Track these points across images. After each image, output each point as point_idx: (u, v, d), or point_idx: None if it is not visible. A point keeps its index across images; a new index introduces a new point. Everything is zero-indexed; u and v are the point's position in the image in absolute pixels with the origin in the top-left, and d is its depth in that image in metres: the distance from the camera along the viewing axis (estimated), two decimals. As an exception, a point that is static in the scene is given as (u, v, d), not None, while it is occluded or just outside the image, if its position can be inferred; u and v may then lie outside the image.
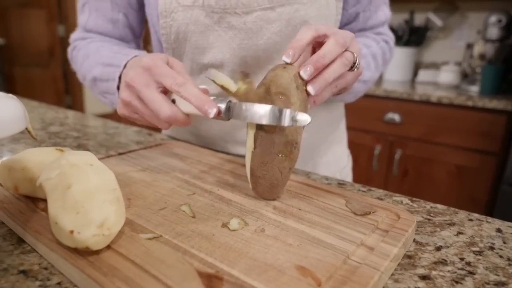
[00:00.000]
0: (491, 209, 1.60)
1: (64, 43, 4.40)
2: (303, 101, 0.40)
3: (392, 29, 2.21)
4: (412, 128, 1.74)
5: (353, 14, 0.62)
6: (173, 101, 0.44)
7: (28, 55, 4.52)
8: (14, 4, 4.39)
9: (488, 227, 0.43)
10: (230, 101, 0.40)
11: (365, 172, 1.91)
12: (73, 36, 0.69)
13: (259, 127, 0.40)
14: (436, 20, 2.07)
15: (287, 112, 0.37)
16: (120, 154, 0.60)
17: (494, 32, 1.77)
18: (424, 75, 2.14)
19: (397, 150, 1.78)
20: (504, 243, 0.40)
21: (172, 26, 0.55)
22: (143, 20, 0.70)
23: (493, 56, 1.75)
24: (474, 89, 1.79)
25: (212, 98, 0.41)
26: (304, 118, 0.36)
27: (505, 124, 1.52)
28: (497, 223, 0.45)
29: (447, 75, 1.96)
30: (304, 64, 0.39)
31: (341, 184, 0.55)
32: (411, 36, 2.14)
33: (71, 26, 4.29)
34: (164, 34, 0.57)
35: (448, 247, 0.38)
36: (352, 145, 1.92)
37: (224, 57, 0.56)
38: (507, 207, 1.51)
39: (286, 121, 0.37)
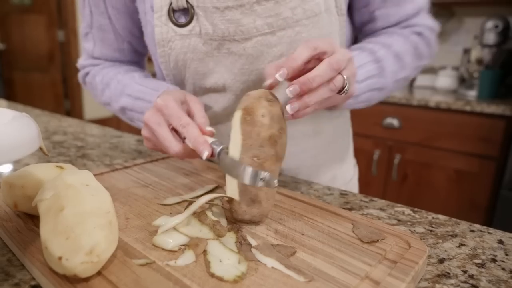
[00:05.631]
0: (491, 214, 1.61)
1: (63, 48, 4.41)
2: (275, 115, 0.40)
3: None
4: (411, 133, 1.75)
5: (367, 14, 0.60)
6: None
7: (28, 60, 4.53)
8: (15, 9, 4.40)
9: (490, 238, 0.44)
10: (222, 149, 0.43)
11: (364, 177, 1.92)
12: (82, 62, 0.69)
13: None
14: (434, 25, 2.09)
15: (262, 175, 0.38)
16: (125, 167, 0.60)
17: (491, 37, 1.79)
18: (422, 79, 2.15)
19: (396, 155, 1.79)
20: (506, 255, 0.41)
21: (170, 54, 0.55)
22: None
23: (491, 61, 1.77)
24: (472, 93, 1.81)
25: (211, 140, 0.44)
26: (274, 182, 0.37)
27: (504, 128, 1.53)
28: (499, 234, 0.46)
29: (445, 80, 1.97)
30: (292, 82, 0.39)
31: (343, 194, 0.56)
32: (409, 41, 2.16)
33: (70, 31, 4.30)
34: (163, 62, 0.57)
35: (451, 259, 0.39)
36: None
37: (225, 81, 0.56)
38: (507, 212, 1.52)
39: (260, 184, 0.38)
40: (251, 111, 0.39)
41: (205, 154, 0.42)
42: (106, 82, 0.64)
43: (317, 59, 0.42)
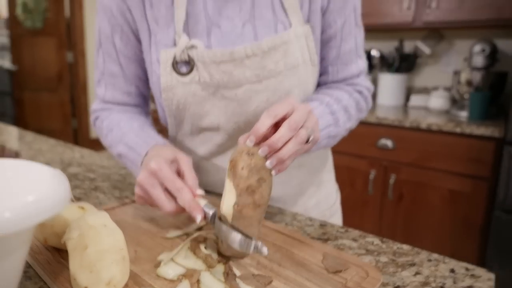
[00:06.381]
0: (486, 234, 1.66)
1: (72, 69, 4.56)
2: (259, 167, 0.48)
3: (383, 56, 2.33)
4: (405, 153, 1.82)
5: (322, 67, 0.71)
6: None
7: (37, 80, 4.68)
8: (27, 33, 4.57)
9: (444, 267, 0.52)
10: (214, 213, 0.50)
11: (361, 196, 1.99)
12: (94, 107, 0.78)
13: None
14: (424, 48, 2.18)
15: (252, 243, 0.46)
16: (133, 201, 0.69)
17: (479, 60, 1.87)
18: (415, 100, 2.23)
19: (391, 175, 1.86)
20: (454, 283, 0.48)
21: (173, 99, 0.64)
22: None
23: (480, 83, 1.85)
24: (464, 114, 1.88)
25: (204, 203, 0.52)
26: (264, 250, 0.45)
27: (494, 150, 1.60)
28: (453, 263, 0.53)
29: (437, 101, 2.05)
30: (262, 144, 0.48)
31: (322, 225, 0.64)
32: (402, 63, 2.25)
33: (79, 52, 4.46)
34: (166, 105, 0.66)
35: (404, 287, 0.47)
36: (348, 170, 2.01)
37: (219, 122, 0.65)
38: (501, 232, 1.57)
39: (250, 250, 0.46)
40: (234, 164, 0.48)
41: (199, 219, 0.50)
42: (110, 128, 0.72)
43: (283, 119, 0.50)
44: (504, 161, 1.53)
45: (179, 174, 0.56)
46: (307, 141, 0.51)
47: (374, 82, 2.48)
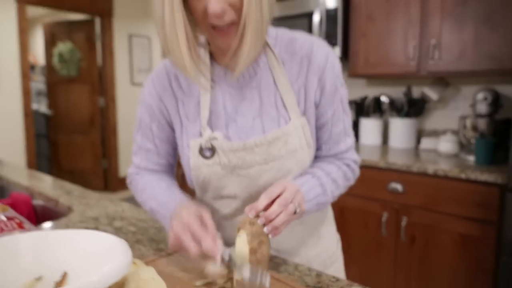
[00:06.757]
0: (497, 278, 1.71)
1: (103, 112, 4.91)
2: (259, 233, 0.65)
3: (392, 102, 2.48)
4: (414, 197, 1.92)
5: (318, 145, 0.86)
6: None
7: (71, 123, 5.04)
8: (63, 80, 4.99)
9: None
10: (230, 256, 0.67)
11: (376, 238, 2.07)
12: (130, 171, 0.96)
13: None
14: (432, 94, 2.31)
15: (259, 273, 0.62)
16: (168, 254, 0.84)
17: (482, 108, 1.99)
18: (426, 143, 2.35)
19: (403, 217, 1.96)
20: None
21: (199, 175, 0.82)
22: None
23: (484, 129, 1.96)
24: (472, 158, 1.97)
25: (222, 247, 0.68)
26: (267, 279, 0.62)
27: (498, 195, 1.68)
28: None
29: (446, 145, 2.16)
30: (261, 215, 0.66)
31: (318, 275, 0.78)
32: (410, 108, 2.38)
33: (109, 98, 4.81)
34: (194, 179, 0.83)
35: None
36: (362, 212, 2.12)
37: (236, 192, 0.82)
38: (510, 277, 1.61)
39: (258, 280, 0.62)
40: (240, 231, 0.65)
41: (218, 260, 0.66)
42: (143, 188, 0.90)
43: (278, 197, 0.69)
44: (508, 207, 1.61)
45: (203, 224, 0.72)
46: (294, 213, 0.69)
47: (385, 126, 2.62)
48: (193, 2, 0.67)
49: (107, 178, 5.03)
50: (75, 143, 5.06)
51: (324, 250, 0.93)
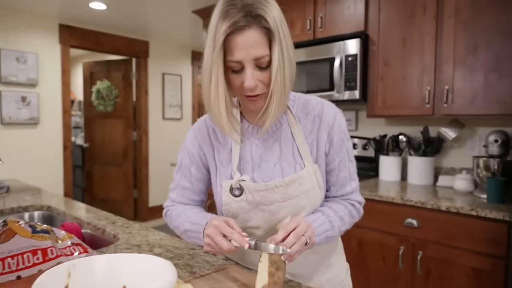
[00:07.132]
0: (511, 311, 1.76)
1: (136, 145, 5.24)
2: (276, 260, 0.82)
3: (409, 140, 2.60)
4: (429, 232, 2.01)
5: (327, 187, 1.02)
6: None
7: (106, 155, 5.38)
8: (99, 115, 5.38)
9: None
10: (256, 242, 0.83)
11: (393, 271, 2.15)
12: (166, 204, 1.14)
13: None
14: (448, 134, 2.43)
15: (280, 248, 0.79)
16: (201, 276, 1.01)
17: (494, 149, 2.09)
18: (443, 180, 2.44)
19: (418, 251, 2.04)
20: None
21: (229, 210, 1.00)
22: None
23: (496, 169, 2.05)
24: (484, 196, 2.06)
25: (248, 238, 0.84)
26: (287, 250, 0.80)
27: (506, 231, 1.76)
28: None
29: (461, 183, 2.25)
30: (279, 244, 0.82)
31: (331, 299, 0.92)
32: (427, 147, 2.50)
33: (143, 132, 5.14)
34: (225, 213, 1.01)
35: None
36: (380, 245, 2.22)
37: (259, 224, 0.99)
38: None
39: (280, 250, 0.80)
40: (261, 257, 0.82)
41: (246, 246, 0.83)
42: (178, 215, 1.08)
43: (292, 230, 0.84)
44: (518, 243, 1.68)
45: (229, 226, 0.88)
46: (306, 244, 0.84)
47: (403, 164, 2.73)
48: (233, 77, 0.87)
49: (137, 207, 5.28)
50: (109, 173, 5.38)
51: (334, 277, 1.07)
